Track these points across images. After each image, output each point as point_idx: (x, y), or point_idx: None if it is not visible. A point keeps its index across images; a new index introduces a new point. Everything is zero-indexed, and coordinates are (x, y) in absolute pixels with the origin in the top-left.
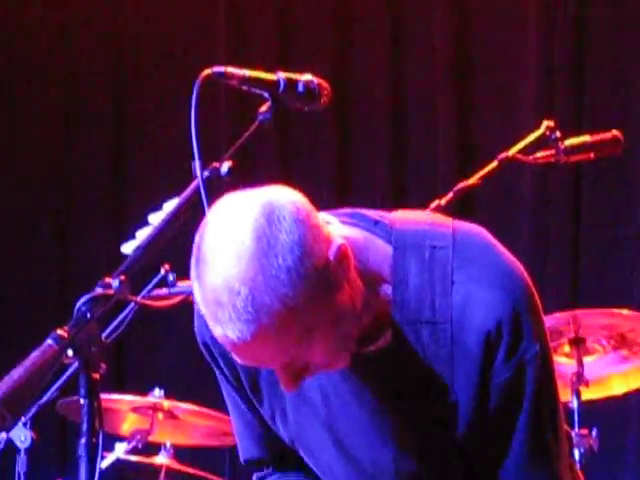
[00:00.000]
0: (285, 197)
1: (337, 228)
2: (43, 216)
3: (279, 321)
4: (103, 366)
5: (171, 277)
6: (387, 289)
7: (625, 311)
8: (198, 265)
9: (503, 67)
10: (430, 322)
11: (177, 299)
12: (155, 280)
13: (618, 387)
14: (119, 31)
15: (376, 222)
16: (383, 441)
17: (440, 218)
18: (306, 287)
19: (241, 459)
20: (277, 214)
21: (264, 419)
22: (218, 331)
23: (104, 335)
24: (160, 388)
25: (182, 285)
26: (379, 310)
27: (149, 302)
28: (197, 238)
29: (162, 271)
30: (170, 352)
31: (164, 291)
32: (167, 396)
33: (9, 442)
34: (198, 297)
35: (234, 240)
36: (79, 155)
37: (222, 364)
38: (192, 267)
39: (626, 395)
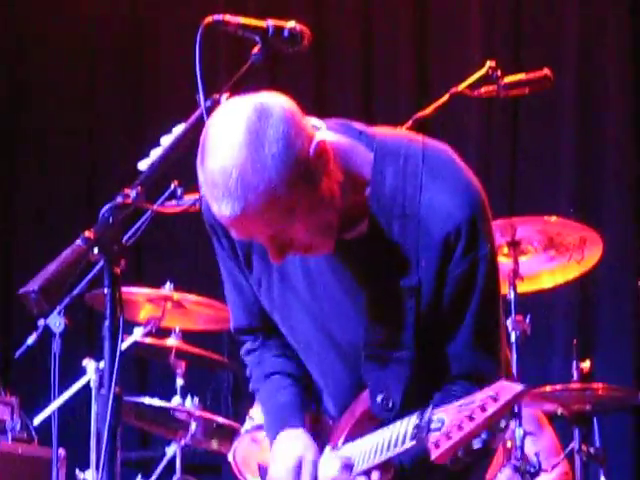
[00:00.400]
0: (275, 100)
1: (325, 133)
2: (74, 139)
3: (263, 199)
4: (123, 263)
5: (179, 191)
6: (367, 188)
7: (553, 218)
8: (202, 155)
9: (454, 17)
10: (401, 216)
11: (184, 208)
12: (166, 193)
13: (547, 281)
14: None
15: (360, 132)
16: (357, 317)
17: (413, 134)
18: (287, 174)
19: (232, 328)
20: (267, 113)
21: (254, 289)
22: (215, 208)
23: (125, 238)
24: (171, 282)
25: (188, 197)
26: (358, 204)
27: (162, 209)
28: (202, 134)
29: (172, 186)
30: (179, 252)
31: (173, 202)
32: (176, 289)
33: (46, 327)
34: (201, 180)
35: (229, 133)
36: (105, 91)
37: (223, 240)
38: (198, 157)
39: (554, 288)
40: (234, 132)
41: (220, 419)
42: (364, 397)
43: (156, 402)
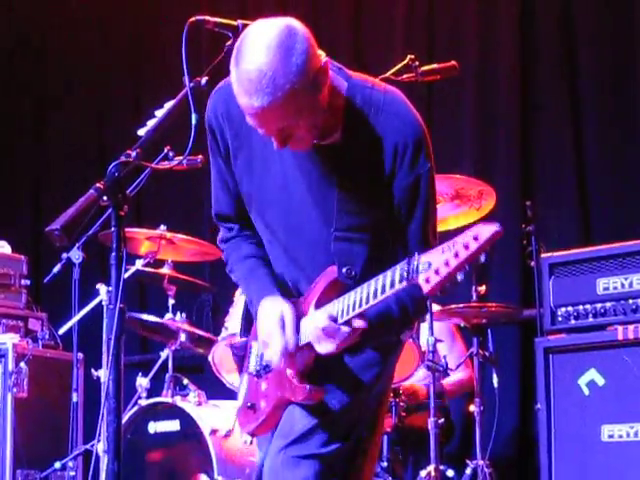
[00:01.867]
0: (298, 24)
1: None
2: (90, 118)
3: (285, 97)
4: (126, 208)
5: (170, 153)
6: (341, 103)
7: (458, 175)
8: (237, 57)
9: (384, 14)
10: (365, 130)
11: (173, 165)
12: (160, 155)
13: (453, 224)
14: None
15: (339, 68)
16: (326, 206)
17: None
18: (305, 80)
19: (213, 214)
20: (294, 31)
21: (237, 183)
22: (244, 100)
23: (129, 189)
24: (164, 224)
25: (177, 158)
26: (335, 115)
27: (157, 167)
28: (237, 43)
29: (165, 149)
30: (171, 201)
31: (166, 162)
32: (169, 229)
33: (68, 259)
34: (234, 78)
35: (265, 43)
36: (116, 75)
37: (220, 139)
38: (232, 60)
39: (458, 229)
40: (269, 43)
41: (201, 332)
42: (329, 271)
43: (152, 318)
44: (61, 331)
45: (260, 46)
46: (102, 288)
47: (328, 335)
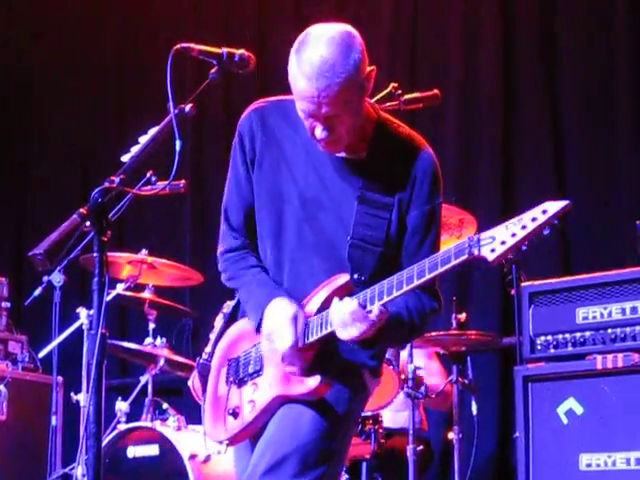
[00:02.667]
0: (354, 30)
1: None
2: (70, 134)
3: (340, 85)
4: (109, 233)
5: (153, 178)
6: (370, 127)
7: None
8: (300, 47)
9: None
10: (390, 155)
11: (156, 191)
12: (143, 180)
13: None
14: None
15: (371, 103)
16: (344, 214)
17: None
18: (358, 76)
19: (223, 209)
20: (353, 34)
21: (252, 192)
22: (303, 83)
23: (111, 214)
24: (146, 248)
25: (160, 183)
26: (364, 135)
27: (139, 192)
28: (300, 37)
29: (148, 174)
30: (153, 226)
31: (148, 187)
32: (150, 254)
33: (49, 282)
34: (293, 64)
35: (328, 36)
36: (103, 104)
37: (247, 144)
38: (293, 50)
39: None
40: (333, 37)
41: (180, 358)
42: (341, 275)
43: (132, 345)
44: (41, 354)
45: (324, 39)
46: (83, 312)
47: (356, 320)
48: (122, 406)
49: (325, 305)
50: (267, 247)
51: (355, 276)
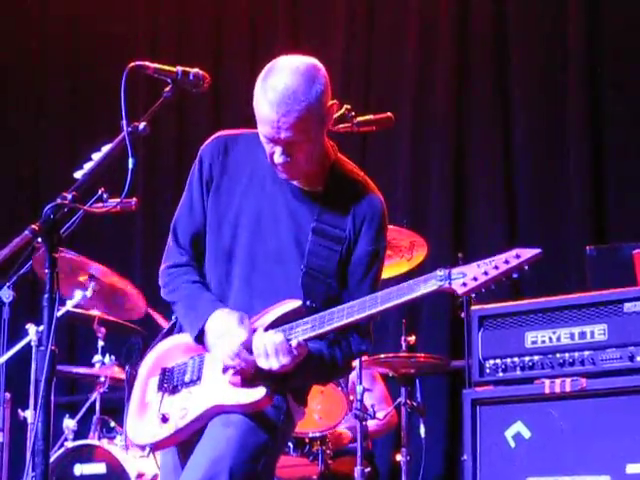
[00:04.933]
0: (320, 65)
1: None
2: (22, 150)
3: (302, 112)
4: (61, 250)
5: (104, 196)
6: (328, 164)
7: (390, 226)
8: (267, 74)
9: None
10: (344, 194)
11: (108, 209)
12: (95, 197)
13: (383, 274)
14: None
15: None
16: (300, 246)
17: None
18: (318, 107)
19: (172, 225)
20: (318, 67)
21: (206, 214)
22: (266, 108)
23: (62, 230)
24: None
25: (112, 201)
26: (322, 170)
27: (90, 210)
28: (268, 65)
29: (99, 191)
30: (103, 244)
31: (100, 205)
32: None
33: None
34: (258, 90)
35: (294, 66)
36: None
37: (205, 167)
38: (261, 76)
39: (389, 279)
40: (298, 68)
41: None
42: (293, 300)
43: (81, 370)
44: None
45: (290, 69)
46: (31, 328)
47: (279, 352)
48: (70, 424)
49: (274, 324)
50: (214, 269)
51: (307, 302)
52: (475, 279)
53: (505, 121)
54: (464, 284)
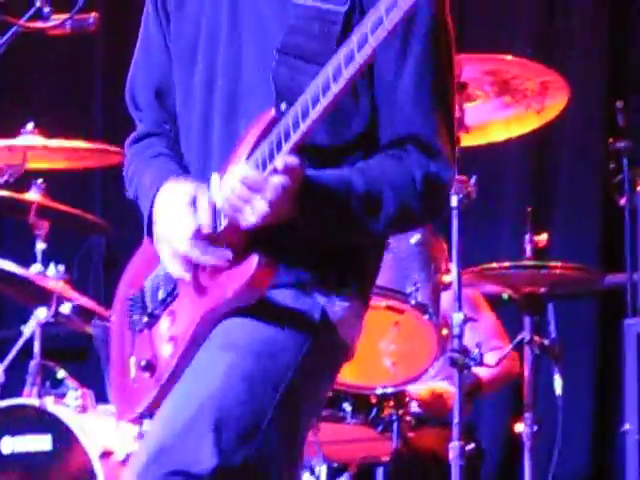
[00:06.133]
0: None
1: None
2: None
3: None
4: None
5: (46, 9)
6: None
7: (509, 57)
8: None
9: None
10: None
11: (54, 26)
12: (32, 10)
13: (499, 134)
14: None
15: None
16: (277, 21)
17: None
18: None
19: (127, 92)
20: None
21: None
22: None
23: None
24: (32, 121)
25: (58, 17)
26: None
27: (30, 25)
28: None
29: (37, 3)
30: (44, 85)
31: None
32: (39, 129)
33: None
34: None
35: None
36: None
37: None
38: None
39: (506, 142)
40: None
41: (85, 300)
42: (263, 114)
43: (11, 267)
44: None
45: None
46: None
47: (253, 190)
48: None
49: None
50: (190, 113)
51: (282, 107)
52: None
53: None
54: None
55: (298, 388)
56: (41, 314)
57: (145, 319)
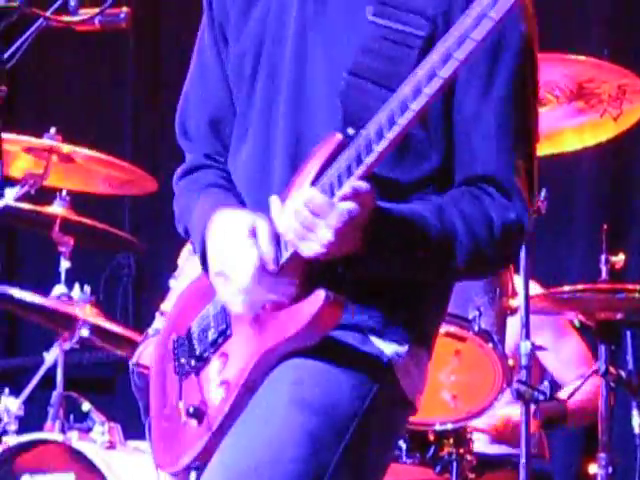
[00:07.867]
0: None
1: None
2: None
3: None
4: (3, 89)
5: (73, 2)
6: None
7: (582, 58)
8: None
9: None
10: None
11: (82, 21)
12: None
13: (571, 143)
14: None
15: None
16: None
17: None
18: None
19: (177, 128)
20: None
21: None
22: None
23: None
24: (55, 127)
25: (87, 11)
26: None
27: (57, 19)
28: None
29: None
30: (71, 89)
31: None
32: (64, 137)
33: None
34: None
35: None
36: None
37: (216, 7)
38: None
39: (580, 152)
40: None
41: (112, 326)
42: (328, 138)
43: (31, 296)
44: None
45: None
46: None
47: (318, 216)
48: (10, 404)
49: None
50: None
51: (350, 132)
52: None
53: None
54: None
55: (363, 437)
56: (64, 340)
57: (193, 362)
